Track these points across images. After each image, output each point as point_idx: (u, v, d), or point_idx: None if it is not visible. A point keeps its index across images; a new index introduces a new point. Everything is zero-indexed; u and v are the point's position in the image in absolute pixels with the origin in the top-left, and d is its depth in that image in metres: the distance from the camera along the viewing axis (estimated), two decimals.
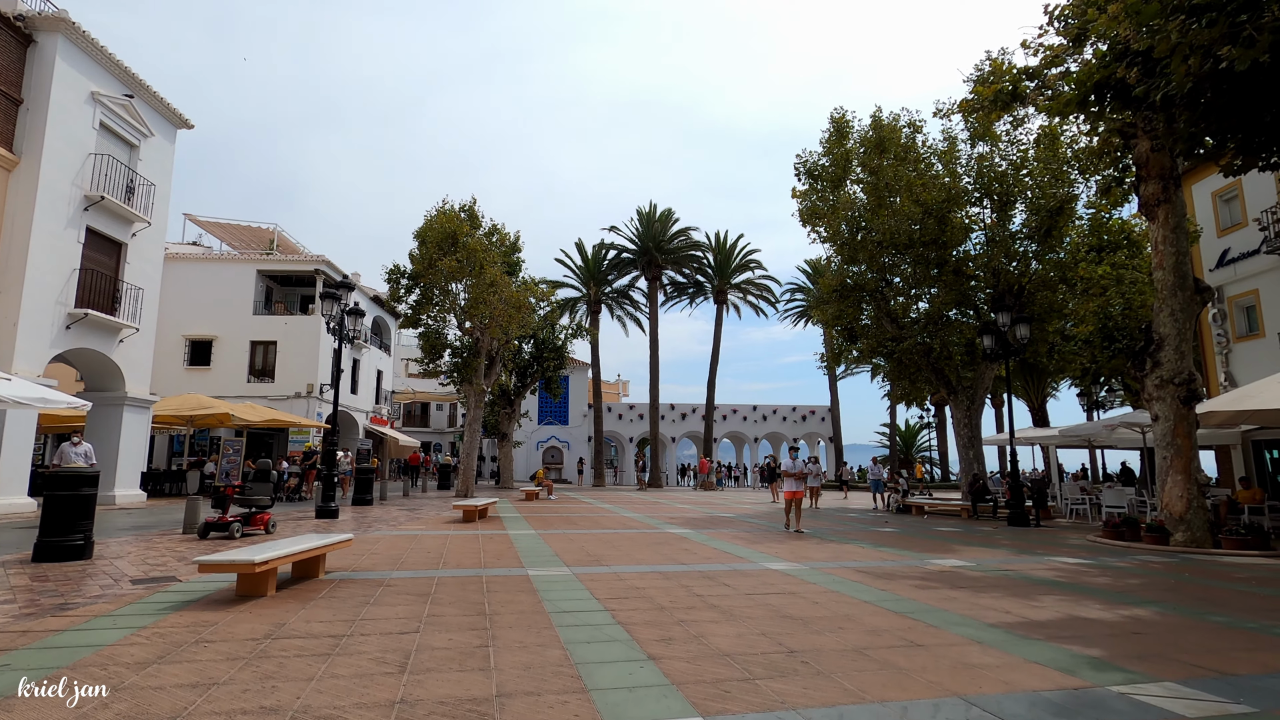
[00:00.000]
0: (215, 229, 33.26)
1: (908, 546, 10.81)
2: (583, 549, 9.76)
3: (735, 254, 39.75)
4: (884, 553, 9.91)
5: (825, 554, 9.66)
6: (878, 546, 10.68)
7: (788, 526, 12.06)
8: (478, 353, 23.68)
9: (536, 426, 44.07)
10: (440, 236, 22.35)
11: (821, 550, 10.04)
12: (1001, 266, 16.66)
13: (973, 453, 18.79)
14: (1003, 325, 15.64)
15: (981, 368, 18.83)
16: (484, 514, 14.71)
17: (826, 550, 10.07)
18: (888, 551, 10.06)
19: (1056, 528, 14.97)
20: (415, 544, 9.87)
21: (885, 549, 10.37)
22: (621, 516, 16.01)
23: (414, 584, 6.71)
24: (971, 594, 6.69)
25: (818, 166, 20.62)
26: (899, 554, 9.79)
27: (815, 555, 9.47)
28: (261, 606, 5.49)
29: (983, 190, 17.14)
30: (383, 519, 14.08)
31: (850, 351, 21.46)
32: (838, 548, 10.45)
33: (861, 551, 10.02)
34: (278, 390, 28.85)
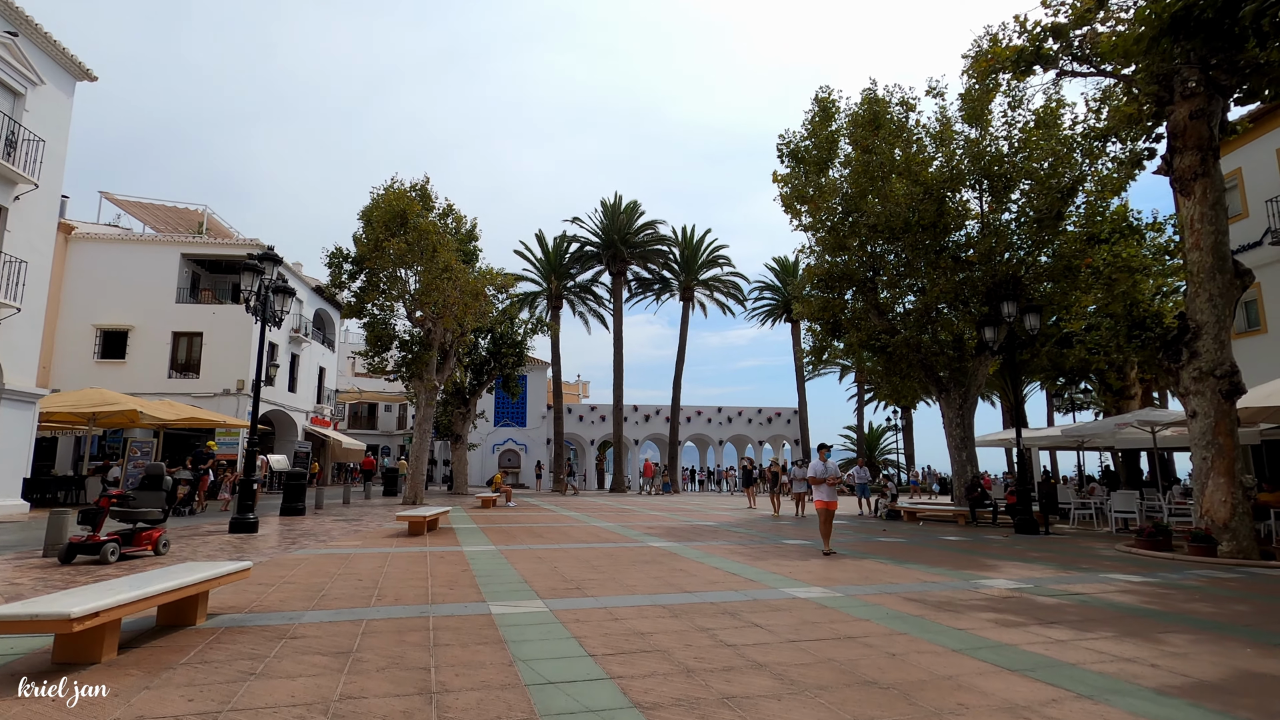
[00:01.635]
0: (136, 209, 30.08)
1: (934, 561, 9.32)
2: (556, 571, 7.94)
3: (703, 250, 38.34)
4: (915, 571, 8.38)
5: (850, 574, 8.07)
6: (901, 563, 9.16)
7: (826, 551, 9.82)
8: (429, 345, 21.52)
9: (493, 428, 41.77)
10: (388, 216, 20.16)
11: (843, 569, 8.45)
12: (999, 255, 15.50)
13: (966, 454, 17.62)
14: (1008, 316, 14.44)
15: (974, 363, 17.70)
16: (434, 525, 12.71)
17: (847, 569, 8.48)
18: (919, 570, 8.53)
19: (1066, 535, 13.81)
20: (346, 567, 7.88)
21: (913, 566, 8.85)
22: (592, 526, 14.21)
23: (331, 634, 4.81)
24: (1075, 633, 5.15)
25: (801, 148, 19.26)
26: (933, 572, 8.28)
27: (840, 576, 7.87)
28: (81, 683, 3.53)
29: (981, 173, 15.96)
30: (313, 533, 11.94)
31: (833, 347, 20.13)
32: (857, 565, 8.89)
33: (889, 570, 8.47)
34: (204, 387, 26.07)
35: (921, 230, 15.76)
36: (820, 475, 9.76)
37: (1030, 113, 15.99)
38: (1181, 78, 10.60)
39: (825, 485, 9.71)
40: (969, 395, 17.80)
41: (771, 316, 42.49)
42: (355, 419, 51.46)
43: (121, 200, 29.79)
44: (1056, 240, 15.18)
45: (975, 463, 17.73)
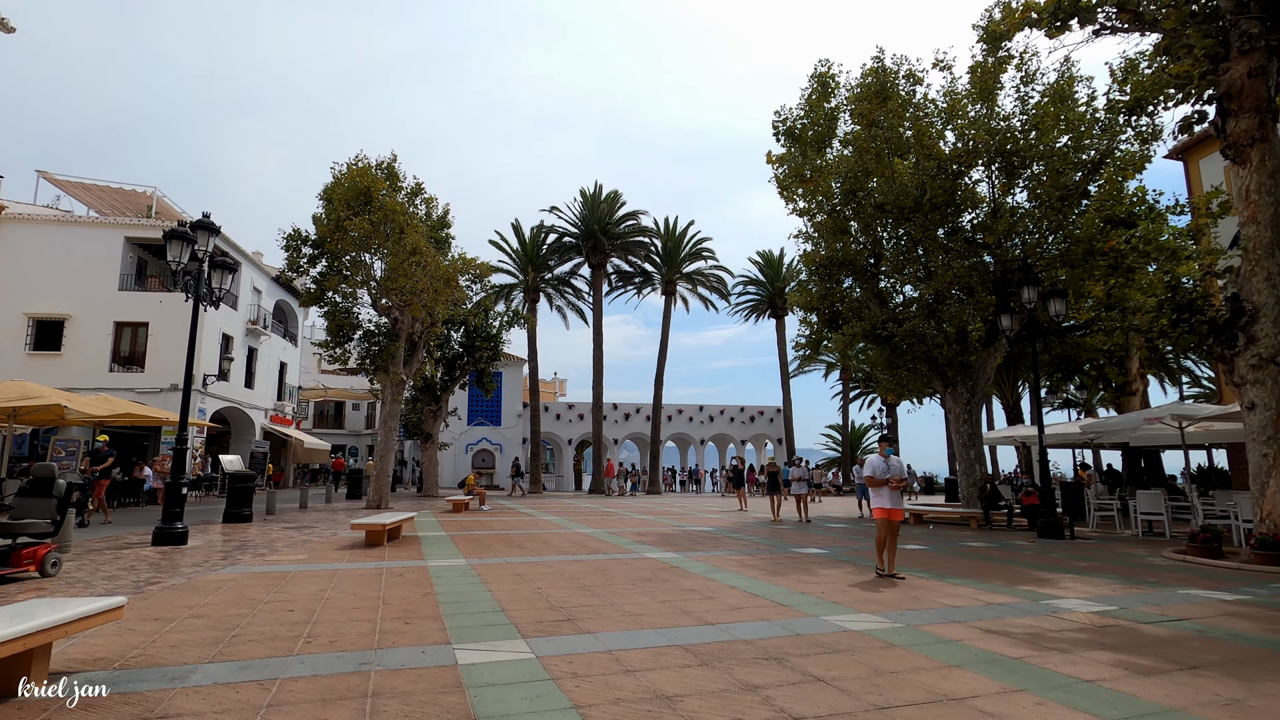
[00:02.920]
0: (78, 190, 27.81)
1: (978, 574, 8.06)
2: (541, 594, 6.49)
3: (686, 242, 37.01)
4: (966, 589, 7.10)
5: (894, 593, 6.75)
6: (943, 577, 7.88)
7: (880, 570, 7.77)
8: (396, 336, 19.85)
9: (466, 427, 40.00)
10: (351, 194, 18.46)
11: (886, 590, 7.12)
12: (1017, 237, 14.39)
13: (974, 452, 16.51)
14: (1028, 302, 13.31)
15: (982, 355, 16.61)
16: (395, 534, 11.15)
17: (890, 589, 7.16)
18: (969, 587, 7.25)
19: (1091, 539, 12.71)
20: (277, 593, 6.34)
21: (959, 582, 7.57)
22: (576, 533, 12.75)
23: (222, 708, 3.31)
24: (1242, 685, 3.87)
25: (798, 126, 18.04)
26: (988, 590, 7.00)
27: (885, 597, 6.54)
28: None
29: (995, 150, 14.83)
30: (254, 544, 10.31)
31: (837, 336, 18.84)
32: (893, 579, 7.58)
33: (936, 588, 7.17)
34: (149, 381, 24.04)
35: (932, 210, 14.59)
36: (881, 475, 7.76)
37: (1041, 90, 14.95)
38: (1240, 30, 9.52)
39: (887, 489, 7.75)
40: (976, 389, 16.70)
41: (756, 312, 41.36)
42: (321, 418, 49.21)
43: (61, 180, 27.49)
44: (1074, 222, 14.11)
45: (984, 461, 16.65)
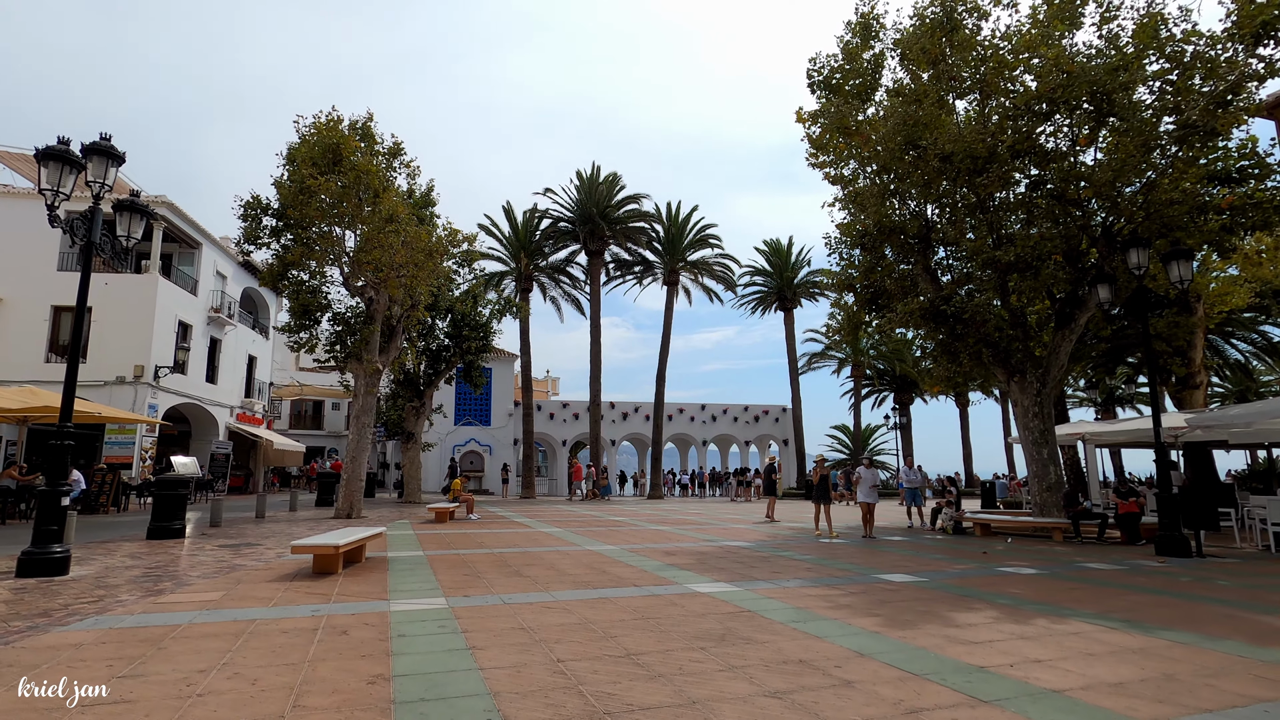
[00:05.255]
0: (16, 161, 24.83)
1: (1172, 621, 5.60)
2: (564, 672, 3.96)
3: (690, 228, 34.56)
4: (1182, 647, 4.63)
5: (1050, 650, 4.29)
6: (1132, 626, 5.40)
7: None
8: (371, 318, 17.23)
9: (454, 427, 37.32)
10: (318, 153, 15.85)
11: (1054, 642, 4.64)
12: (1125, 186, 12.01)
13: (1047, 451, 14.11)
14: (1137, 267, 10.95)
15: (1057, 338, 14.26)
16: (356, 556, 8.57)
17: (1060, 640, 4.68)
18: (1180, 641, 4.79)
19: (1227, 558, 10.34)
20: (121, 680, 3.76)
21: (1158, 633, 5.11)
22: (587, 552, 10.22)
23: None
24: None
25: (836, 76, 15.66)
26: (1216, 649, 4.54)
27: (1096, 671, 4.06)
28: None
29: (1077, 94, 12.43)
30: (160, 572, 7.71)
31: (868, 322, 16.47)
32: (1059, 628, 5.13)
33: (1141, 646, 4.69)
34: (92, 373, 21.26)
35: (1014, 158, 12.20)
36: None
37: (1132, 20, 12.62)
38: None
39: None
40: (1048, 378, 14.33)
41: (763, 305, 38.96)
42: (298, 418, 46.24)
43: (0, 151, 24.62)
44: (1173, 178, 11.73)
45: (1058, 462, 14.27)
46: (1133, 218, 12.43)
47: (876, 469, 12.59)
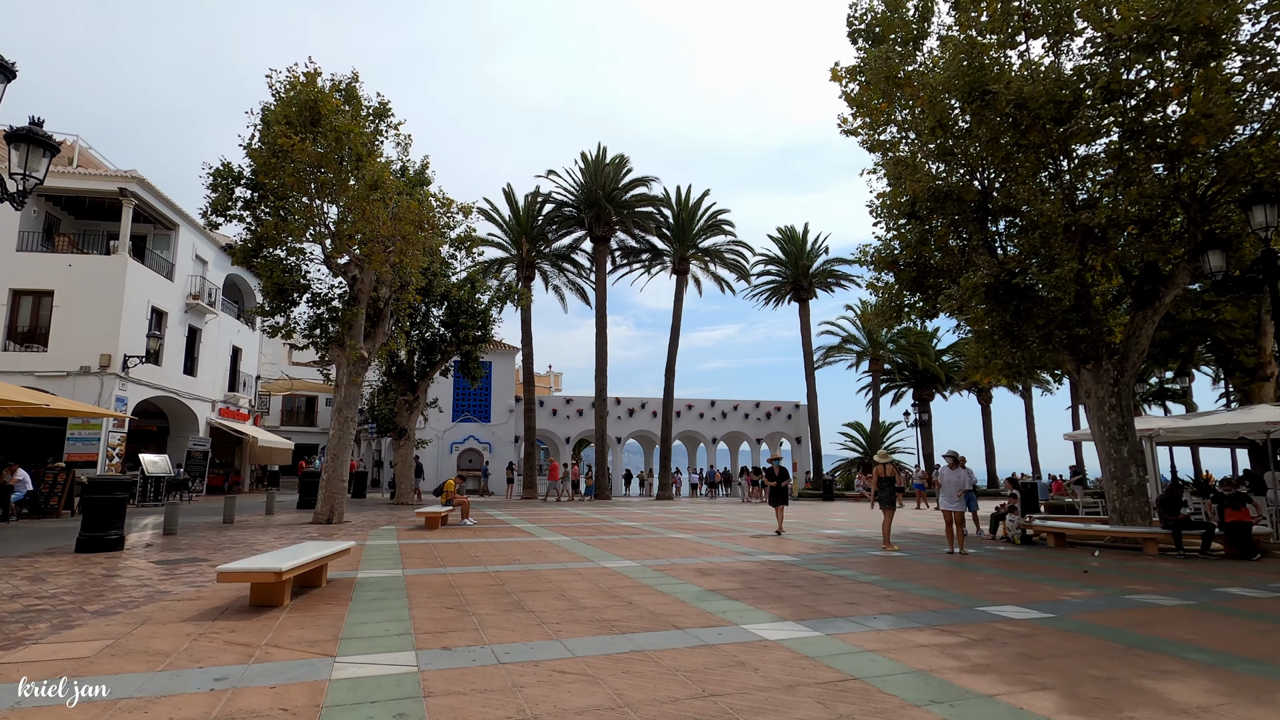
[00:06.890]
0: None
1: None
2: None
3: (701, 214, 32.67)
4: None
5: None
6: None
7: None
8: (355, 299, 15.40)
9: (451, 423, 35.47)
10: (293, 111, 14.01)
11: None
12: (1236, 134, 10.18)
13: (1127, 450, 12.25)
14: (1263, 227, 9.11)
15: (1137, 318, 12.41)
16: (314, 580, 6.74)
17: None
18: None
19: None
20: None
21: None
22: (604, 570, 8.40)
23: None
24: None
25: (880, 25, 13.81)
26: None
27: None
28: None
29: (1174, 30, 10.54)
30: (51, 606, 5.89)
31: (944, 296, 14.30)
32: (1260, 687, 3.32)
33: None
34: (53, 363, 19.48)
35: (1105, 101, 10.33)
36: None
37: None
38: None
39: None
40: (1127, 365, 12.48)
41: (777, 296, 37.07)
42: (290, 414, 44.55)
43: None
44: None
45: (1140, 461, 12.40)
46: (1239, 175, 10.56)
47: (963, 468, 10.50)
